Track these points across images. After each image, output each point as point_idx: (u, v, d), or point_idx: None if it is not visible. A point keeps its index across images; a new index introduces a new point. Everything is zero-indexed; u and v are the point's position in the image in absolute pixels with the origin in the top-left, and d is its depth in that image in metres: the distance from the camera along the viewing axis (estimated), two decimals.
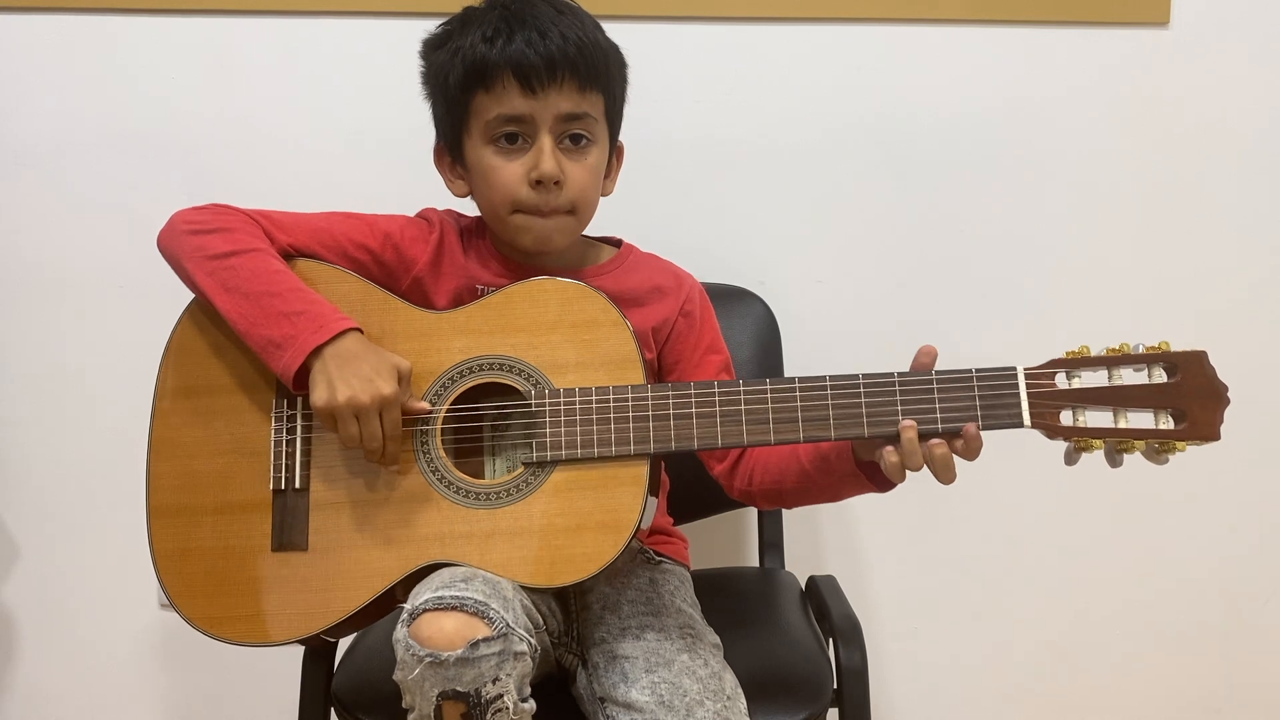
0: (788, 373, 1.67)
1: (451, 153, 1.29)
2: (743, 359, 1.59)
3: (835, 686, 1.30)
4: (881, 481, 1.17)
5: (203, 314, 1.23)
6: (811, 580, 1.53)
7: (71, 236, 1.75)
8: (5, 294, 1.77)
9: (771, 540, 1.68)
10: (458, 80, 1.22)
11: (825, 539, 1.82)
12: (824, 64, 1.70)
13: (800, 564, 1.66)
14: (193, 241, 1.21)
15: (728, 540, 1.78)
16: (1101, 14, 1.68)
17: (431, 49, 1.27)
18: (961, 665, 1.86)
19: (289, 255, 1.24)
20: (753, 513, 1.73)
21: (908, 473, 1.13)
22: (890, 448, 1.11)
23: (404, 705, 1.07)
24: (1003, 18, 1.69)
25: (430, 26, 1.59)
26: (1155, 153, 1.73)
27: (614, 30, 1.67)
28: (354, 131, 1.71)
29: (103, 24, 1.70)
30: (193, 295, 1.25)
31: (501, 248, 1.32)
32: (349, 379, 1.13)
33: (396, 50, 1.67)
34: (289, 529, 1.18)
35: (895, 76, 1.70)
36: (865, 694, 1.29)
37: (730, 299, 1.63)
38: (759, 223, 1.74)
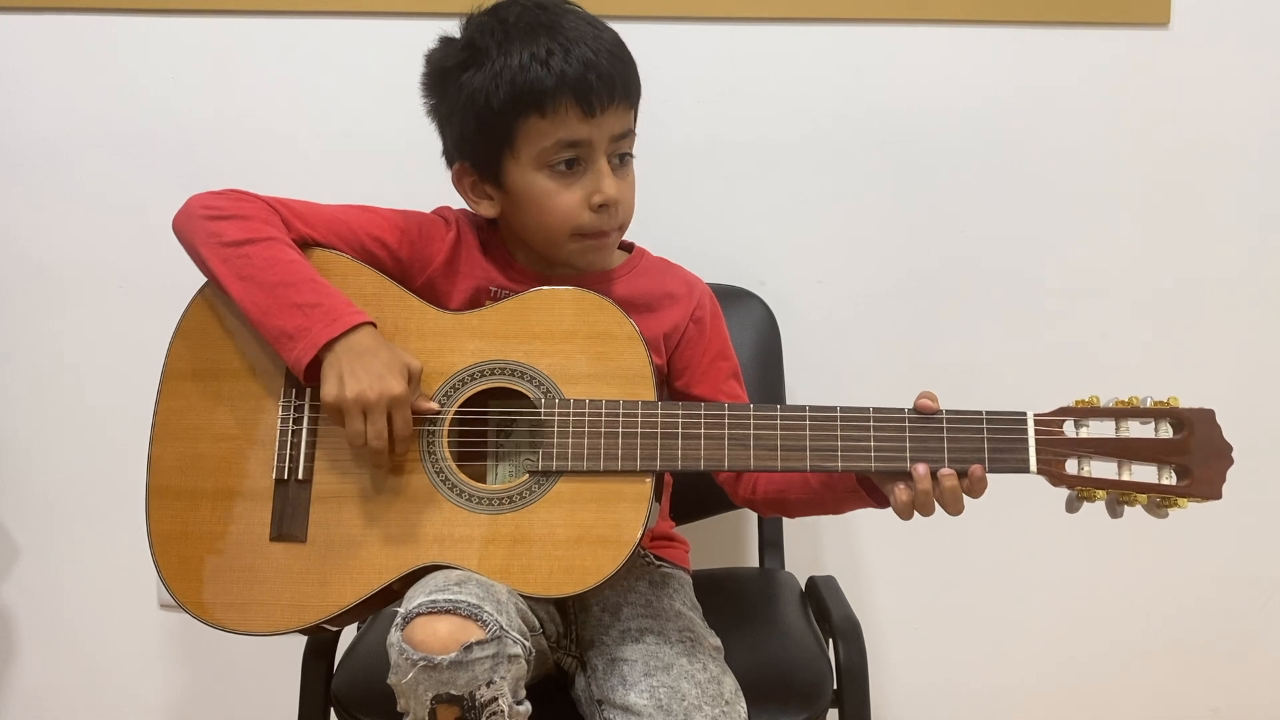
0: (787, 373, 1.67)
1: (480, 174, 1.25)
2: (743, 360, 1.58)
3: (835, 687, 1.30)
4: (882, 499, 1.18)
5: (215, 297, 1.22)
6: (811, 581, 1.53)
7: (71, 236, 1.75)
8: (5, 293, 1.77)
9: (771, 540, 1.68)
10: (504, 104, 1.18)
11: (825, 539, 1.82)
12: (824, 64, 1.70)
13: (800, 564, 1.66)
14: (208, 227, 1.20)
15: (728, 541, 1.78)
16: (1101, 14, 1.68)
17: (458, 70, 1.21)
18: (961, 665, 1.86)
19: (305, 245, 1.23)
20: (753, 513, 1.73)
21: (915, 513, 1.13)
22: (902, 485, 1.12)
23: (399, 709, 1.07)
24: (1002, 18, 1.68)
25: (429, 27, 1.59)
26: (1155, 152, 1.73)
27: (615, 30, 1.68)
28: (354, 132, 1.71)
29: (103, 24, 1.70)
30: (205, 280, 1.24)
31: (517, 252, 1.31)
32: (359, 375, 1.12)
33: (396, 50, 1.67)
34: (289, 520, 1.17)
35: (895, 77, 1.70)
36: (865, 694, 1.29)
37: (730, 299, 1.62)
38: (759, 223, 1.74)
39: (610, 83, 1.18)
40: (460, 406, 1.19)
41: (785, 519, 1.68)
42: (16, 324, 1.77)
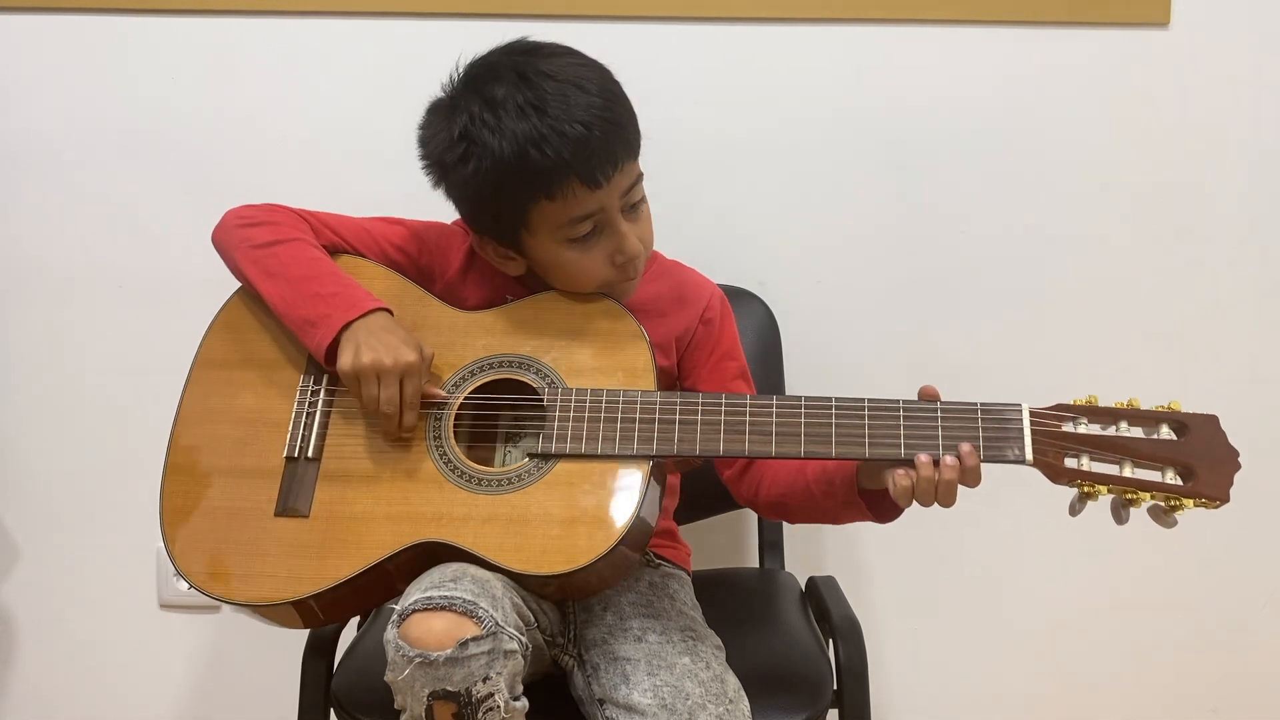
0: (787, 373, 1.67)
1: (500, 243, 1.26)
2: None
3: (835, 687, 1.30)
4: (881, 512, 1.18)
5: (248, 296, 1.31)
6: (811, 581, 1.53)
7: (71, 236, 1.75)
8: (5, 293, 1.77)
9: (771, 541, 1.68)
10: (511, 192, 1.19)
11: (825, 539, 1.82)
12: (824, 64, 1.70)
13: (800, 564, 1.66)
14: (240, 233, 1.29)
15: (728, 540, 1.78)
16: (1101, 14, 1.68)
17: (460, 165, 1.20)
18: (961, 665, 1.86)
19: (333, 251, 1.31)
20: (753, 513, 1.73)
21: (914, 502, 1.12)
22: (902, 470, 1.11)
23: (396, 706, 1.08)
24: (1002, 18, 1.68)
25: (429, 27, 1.60)
26: (1155, 152, 1.72)
27: (615, 30, 1.68)
28: (354, 132, 1.71)
29: (103, 24, 1.70)
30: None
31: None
32: (375, 345, 1.18)
33: (396, 50, 1.68)
34: (294, 495, 1.20)
35: (895, 77, 1.70)
36: (865, 695, 1.29)
37: (730, 299, 1.62)
38: (759, 223, 1.74)
39: (610, 151, 1.18)
40: (468, 396, 1.23)
41: None
42: (16, 324, 1.77)
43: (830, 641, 1.36)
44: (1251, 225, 1.75)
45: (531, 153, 1.15)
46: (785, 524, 1.68)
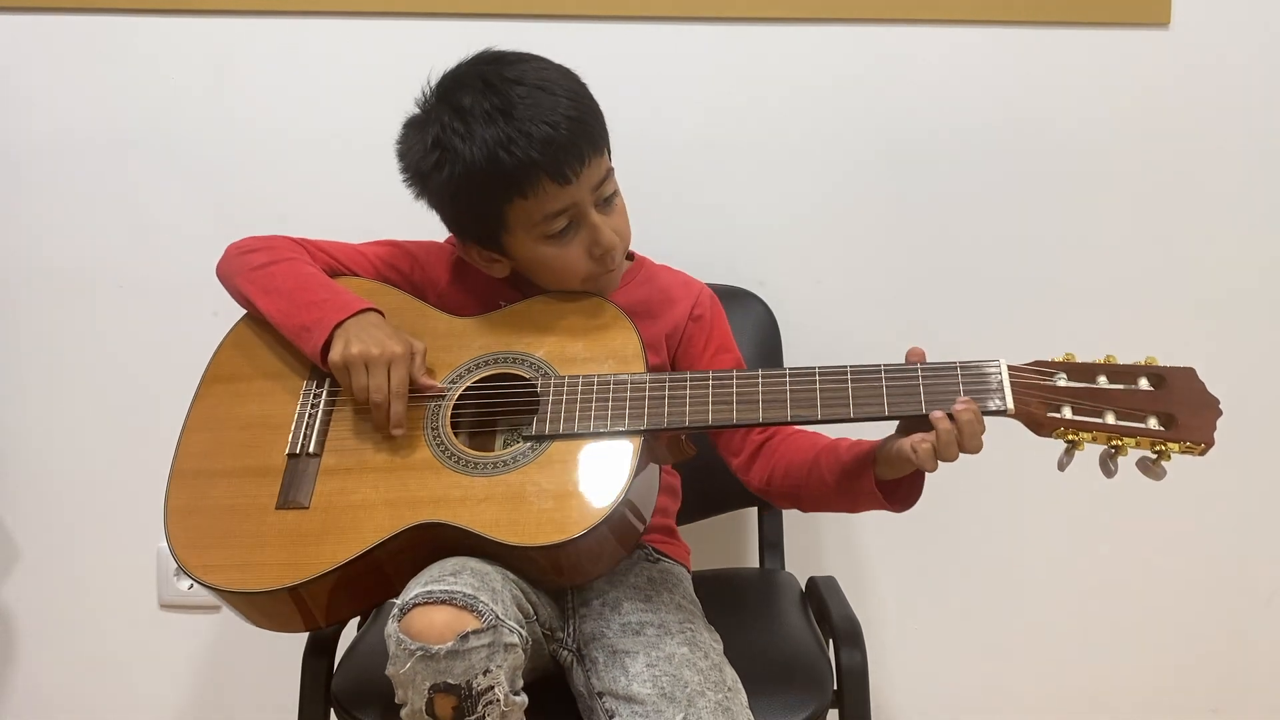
0: None
1: (483, 246, 1.31)
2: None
3: (835, 687, 1.30)
4: (896, 501, 1.19)
5: (255, 319, 1.36)
6: (811, 581, 1.53)
7: (71, 236, 1.75)
8: (5, 294, 1.77)
9: (771, 540, 1.68)
10: (485, 195, 1.23)
11: (825, 539, 1.82)
12: (824, 64, 1.70)
13: (800, 564, 1.66)
14: (240, 260, 1.35)
15: (728, 540, 1.78)
16: (1101, 14, 1.68)
17: (435, 172, 1.25)
18: (961, 666, 1.86)
19: (330, 274, 1.35)
20: (753, 513, 1.73)
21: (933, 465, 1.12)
22: (918, 435, 1.11)
23: (397, 701, 1.09)
24: (1002, 18, 1.68)
25: (429, 27, 1.59)
26: (1155, 153, 1.73)
27: (614, 30, 1.68)
28: (354, 132, 1.70)
29: (104, 24, 1.70)
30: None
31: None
32: (363, 338, 1.23)
33: (396, 50, 1.69)
34: (295, 489, 1.23)
35: (895, 77, 1.70)
36: (865, 694, 1.29)
37: (730, 299, 1.62)
38: (759, 223, 1.74)
39: (576, 149, 1.22)
40: (465, 389, 1.26)
41: (785, 512, 1.68)
42: (16, 324, 1.77)
43: (830, 641, 1.36)
44: (1250, 225, 1.75)
45: (501, 155, 1.20)
46: (785, 524, 1.68)
